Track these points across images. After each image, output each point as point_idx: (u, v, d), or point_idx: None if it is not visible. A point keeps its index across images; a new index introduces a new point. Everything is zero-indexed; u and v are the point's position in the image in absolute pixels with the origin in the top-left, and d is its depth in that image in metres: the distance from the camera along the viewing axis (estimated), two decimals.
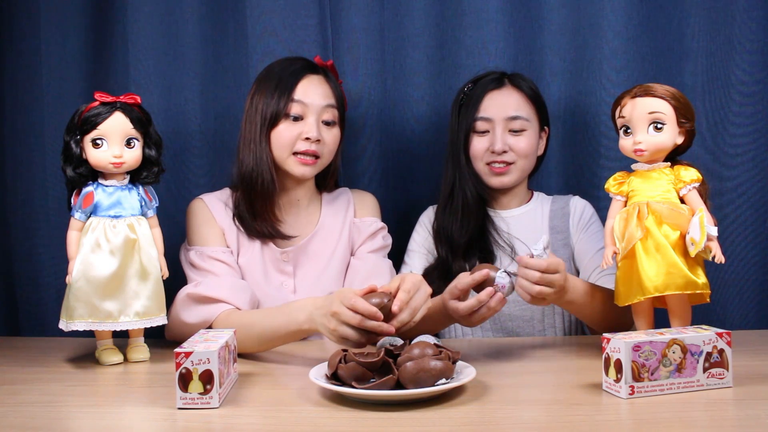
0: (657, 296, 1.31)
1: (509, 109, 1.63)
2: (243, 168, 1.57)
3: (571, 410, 1.09)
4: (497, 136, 1.62)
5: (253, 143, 1.56)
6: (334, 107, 1.59)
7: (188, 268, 1.57)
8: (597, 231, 1.65)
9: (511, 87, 1.65)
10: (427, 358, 1.10)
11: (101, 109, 1.39)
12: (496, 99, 1.63)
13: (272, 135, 1.55)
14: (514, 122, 1.62)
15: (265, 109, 1.55)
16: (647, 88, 1.34)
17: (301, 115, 1.55)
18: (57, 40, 1.86)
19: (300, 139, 1.54)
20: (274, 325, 1.37)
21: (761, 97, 1.79)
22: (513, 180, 1.66)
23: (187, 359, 1.09)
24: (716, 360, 1.14)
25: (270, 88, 1.56)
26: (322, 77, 1.60)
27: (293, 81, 1.56)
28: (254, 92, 1.59)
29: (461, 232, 1.62)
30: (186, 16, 1.86)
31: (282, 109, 1.54)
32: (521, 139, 1.63)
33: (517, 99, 1.64)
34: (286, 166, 1.57)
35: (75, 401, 1.20)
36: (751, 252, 1.81)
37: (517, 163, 1.64)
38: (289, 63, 1.60)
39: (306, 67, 1.59)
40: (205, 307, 1.47)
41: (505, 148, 1.62)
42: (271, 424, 1.07)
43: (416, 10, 1.86)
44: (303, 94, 1.55)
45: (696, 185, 1.33)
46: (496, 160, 1.63)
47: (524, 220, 1.69)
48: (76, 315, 1.37)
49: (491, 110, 1.63)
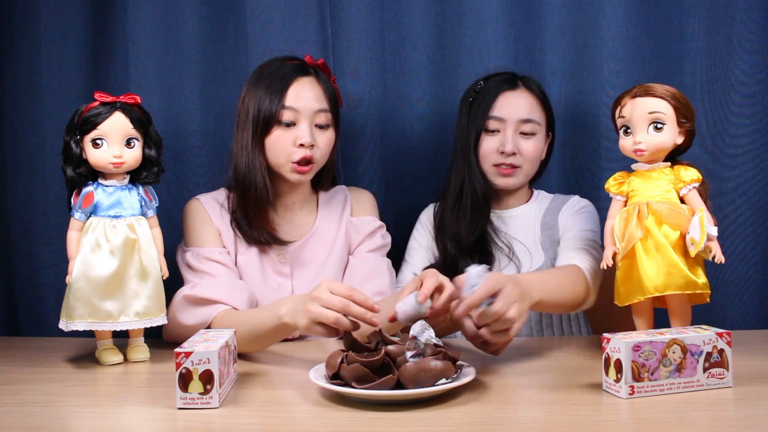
0: (657, 296, 1.31)
1: (522, 112, 1.62)
2: (237, 173, 1.56)
3: (571, 410, 1.09)
4: (508, 137, 1.61)
5: (246, 150, 1.54)
6: (327, 111, 1.57)
7: (185, 270, 1.56)
8: (586, 218, 1.61)
9: (525, 89, 1.64)
10: (427, 358, 1.10)
11: (101, 109, 1.39)
12: (510, 99, 1.62)
13: (266, 142, 1.54)
14: (526, 125, 1.62)
15: (257, 115, 1.53)
16: (647, 88, 1.34)
17: (293, 121, 1.53)
18: (57, 40, 1.86)
19: (294, 146, 1.53)
20: (259, 321, 1.37)
21: (761, 98, 1.79)
22: (518, 183, 1.66)
23: (187, 359, 1.09)
24: (716, 360, 1.14)
25: (261, 93, 1.53)
26: (313, 79, 1.57)
27: (283, 86, 1.53)
28: (245, 96, 1.57)
29: (469, 231, 1.61)
30: (186, 16, 1.86)
31: (274, 116, 1.52)
32: (530, 143, 1.63)
33: (531, 102, 1.64)
34: (282, 171, 1.56)
35: (75, 401, 1.20)
36: (751, 252, 1.81)
37: (524, 167, 1.64)
38: (278, 66, 1.57)
39: (296, 70, 1.56)
40: (202, 309, 1.47)
41: (514, 150, 1.61)
42: (271, 424, 1.07)
43: (416, 10, 1.86)
44: (294, 100, 1.53)
45: (696, 185, 1.33)
46: (504, 162, 1.62)
47: (521, 220, 1.68)
48: (76, 315, 1.37)
49: (505, 110, 1.62)
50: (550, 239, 1.63)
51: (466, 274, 1.20)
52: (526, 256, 1.62)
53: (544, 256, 1.61)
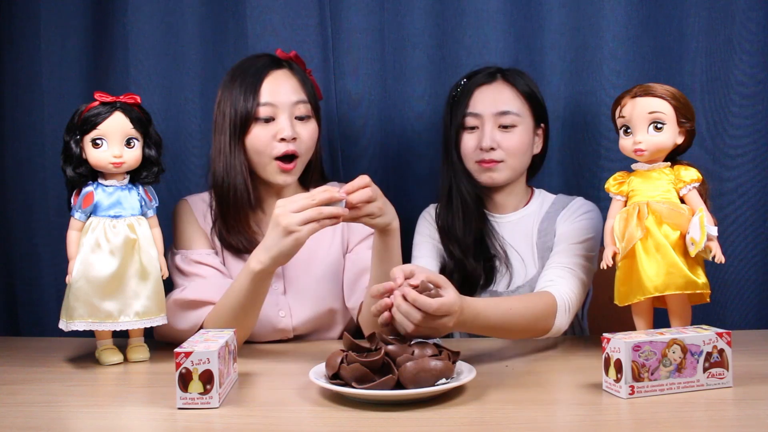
0: (657, 296, 1.31)
1: (499, 104, 1.57)
2: (215, 178, 1.53)
3: (571, 410, 1.09)
4: (485, 132, 1.56)
5: (223, 154, 1.51)
6: (306, 102, 1.53)
7: (174, 273, 1.54)
8: (584, 227, 1.54)
9: (503, 81, 1.60)
10: (427, 358, 1.10)
11: (101, 109, 1.39)
12: (485, 94, 1.58)
13: (246, 142, 1.50)
14: (503, 117, 1.57)
15: (233, 116, 1.49)
16: (647, 88, 1.34)
17: (272, 116, 1.50)
18: (57, 40, 1.86)
19: (275, 141, 1.49)
20: (237, 288, 1.38)
21: (761, 98, 1.78)
22: (503, 177, 1.59)
23: (187, 359, 1.09)
24: (716, 360, 1.14)
25: (234, 93, 1.50)
26: (287, 71, 1.54)
27: (256, 82, 1.50)
28: (219, 99, 1.54)
29: (465, 232, 1.58)
30: (186, 16, 1.87)
31: (251, 114, 1.48)
32: (511, 136, 1.57)
33: (508, 94, 1.58)
34: (266, 173, 1.53)
35: (75, 401, 1.20)
36: (751, 252, 1.81)
37: (507, 162, 1.57)
38: (249, 63, 1.55)
39: (268, 64, 1.53)
40: (193, 313, 1.47)
41: (493, 145, 1.56)
42: (271, 424, 1.07)
43: (416, 10, 1.86)
44: (269, 95, 1.49)
45: (696, 185, 1.33)
46: (485, 158, 1.57)
47: (519, 226, 1.63)
48: (76, 315, 1.37)
49: (480, 105, 1.58)
50: (544, 246, 1.58)
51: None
52: (520, 265, 1.59)
53: (539, 265, 1.57)
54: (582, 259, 1.50)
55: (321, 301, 1.58)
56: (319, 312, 1.58)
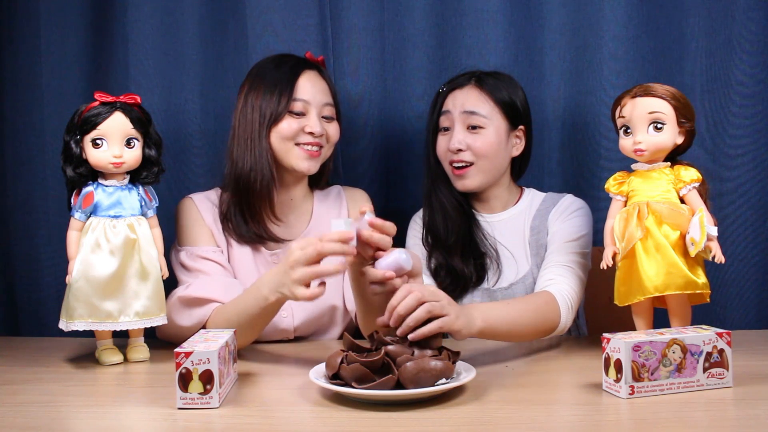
0: (657, 296, 1.31)
1: (466, 105, 1.58)
2: (239, 167, 1.54)
3: (571, 410, 1.09)
4: (455, 133, 1.58)
5: (251, 140, 1.53)
6: (332, 105, 1.59)
7: (179, 270, 1.55)
8: (577, 224, 1.56)
9: (474, 84, 1.60)
10: (427, 358, 1.10)
11: (101, 109, 1.39)
12: (456, 96, 1.60)
13: (273, 130, 1.53)
14: (470, 117, 1.57)
15: (264, 108, 1.52)
16: (647, 88, 1.34)
17: (303, 112, 1.54)
18: (57, 40, 1.86)
19: (303, 132, 1.53)
20: (247, 308, 1.37)
21: (761, 98, 1.79)
22: (477, 183, 1.60)
23: (187, 359, 1.09)
24: (716, 360, 1.14)
25: (268, 87, 1.53)
26: (317, 73, 1.59)
27: (293, 78, 1.54)
28: (248, 90, 1.56)
29: (447, 234, 1.60)
30: (186, 16, 1.86)
31: (284, 109, 1.52)
32: (478, 138, 1.56)
33: (476, 96, 1.59)
34: (289, 159, 1.54)
35: (75, 401, 1.20)
36: (751, 252, 1.81)
37: (477, 164, 1.57)
38: (282, 60, 1.58)
39: (302, 63, 1.58)
40: (197, 310, 1.46)
41: (461, 146, 1.56)
42: (271, 424, 1.07)
43: (416, 10, 1.86)
44: (304, 92, 1.54)
45: (696, 185, 1.33)
46: (454, 159, 1.58)
47: (509, 225, 1.63)
48: (76, 315, 1.37)
49: (450, 105, 1.60)
50: (537, 243, 1.59)
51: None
52: (511, 264, 1.60)
53: (531, 263, 1.58)
54: (578, 257, 1.52)
55: (323, 300, 1.58)
56: (321, 311, 1.59)
